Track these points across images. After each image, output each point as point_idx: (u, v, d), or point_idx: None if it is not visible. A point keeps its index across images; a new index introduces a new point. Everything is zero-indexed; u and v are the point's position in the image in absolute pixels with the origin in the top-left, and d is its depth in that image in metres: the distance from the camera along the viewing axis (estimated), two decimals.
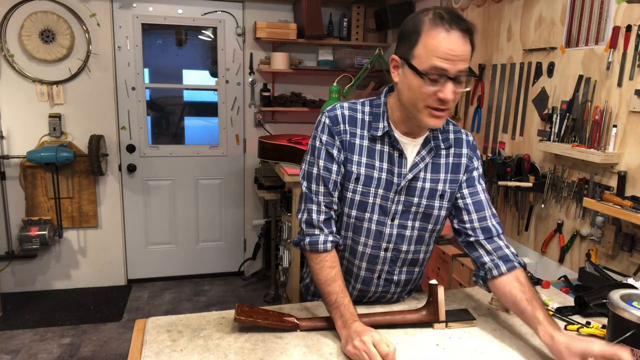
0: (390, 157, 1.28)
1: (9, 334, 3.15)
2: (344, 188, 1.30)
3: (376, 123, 1.27)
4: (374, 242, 1.33)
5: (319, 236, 1.27)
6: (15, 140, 3.52)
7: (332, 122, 1.28)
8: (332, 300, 1.21)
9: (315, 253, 1.27)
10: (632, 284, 1.38)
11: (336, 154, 1.27)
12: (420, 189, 1.29)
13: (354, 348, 1.09)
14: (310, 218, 1.28)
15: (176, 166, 3.95)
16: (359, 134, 1.28)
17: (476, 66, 2.74)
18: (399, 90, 1.22)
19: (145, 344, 1.16)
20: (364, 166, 1.27)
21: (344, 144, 1.27)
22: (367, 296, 1.42)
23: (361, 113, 1.29)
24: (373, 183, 1.28)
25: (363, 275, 1.37)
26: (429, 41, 1.10)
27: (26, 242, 3.45)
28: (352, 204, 1.30)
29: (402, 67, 1.18)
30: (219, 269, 4.19)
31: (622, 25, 1.82)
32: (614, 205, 1.70)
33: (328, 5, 3.87)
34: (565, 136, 2.06)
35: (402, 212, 1.30)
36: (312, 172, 1.29)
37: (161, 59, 4.00)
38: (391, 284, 1.39)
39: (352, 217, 1.31)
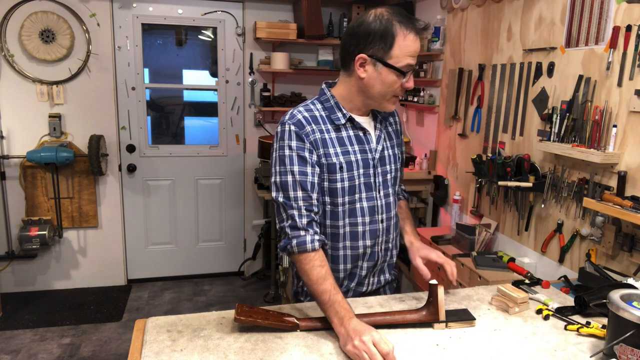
0: (358, 138, 1.42)
1: (9, 334, 3.15)
2: (331, 181, 1.38)
3: (334, 114, 1.40)
4: (371, 218, 1.45)
5: (305, 236, 1.29)
6: (15, 140, 3.52)
7: (298, 127, 1.34)
8: (325, 299, 1.22)
9: (304, 254, 1.28)
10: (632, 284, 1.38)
11: (308, 156, 1.34)
12: (387, 156, 1.48)
13: (354, 348, 1.10)
14: (294, 223, 1.30)
15: (176, 166, 3.95)
16: (325, 129, 1.38)
17: (476, 66, 2.74)
18: (365, 84, 1.35)
19: (145, 344, 1.16)
20: (341, 155, 1.38)
21: (317, 143, 1.36)
22: (374, 270, 1.51)
23: (317, 111, 1.40)
24: (354, 166, 1.40)
25: (369, 252, 1.47)
26: (404, 44, 1.29)
27: (26, 242, 3.45)
28: (343, 192, 1.39)
29: (373, 65, 1.32)
30: (219, 269, 4.19)
31: (622, 25, 1.82)
32: (614, 205, 1.70)
33: (328, 5, 3.87)
34: (565, 136, 2.06)
35: (383, 182, 1.46)
36: (287, 181, 1.32)
37: (161, 59, 4.00)
38: (388, 251, 1.53)
39: (346, 203, 1.41)
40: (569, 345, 1.23)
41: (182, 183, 3.99)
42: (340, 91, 1.41)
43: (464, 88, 2.89)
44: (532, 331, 1.29)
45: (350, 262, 1.45)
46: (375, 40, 1.29)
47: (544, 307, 1.41)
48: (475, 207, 2.78)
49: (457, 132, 2.97)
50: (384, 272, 1.56)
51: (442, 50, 3.12)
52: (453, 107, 2.98)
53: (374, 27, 1.29)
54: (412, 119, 3.64)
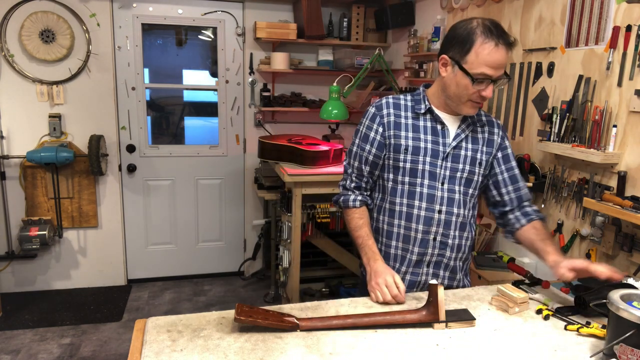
0: (434, 130, 1.52)
1: (9, 334, 3.15)
2: (395, 159, 1.53)
3: (417, 105, 1.54)
4: (428, 205, 1.52)
5: (350, 196, 1.61)
6: (15, 140, 3.52)
7: (377, 109, 1.55)
8: (359, 242, 1.55)
9: (347, 209, 1.62)
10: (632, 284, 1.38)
11: (372, 135, 1.55)
12: (463, 156, 1.52)
13: (371, 287, 1.43)
14: (345, 184, 1.64)
15: (176, 166, 3.95)
16: (404, 115, 1.53)
17: None
18: (444, 83, 1.46)
19: (145, 344, 1.16)
20: (411, 139, 1.51)
21: (389, 124, 1.53)
22: (425, 260, 1.56)
23: (404, 100, 1.56)
24: (421, 152, 1.50)
25: (420, 237, 1.54)
26: (481, 52, 1.36)
27: (26, 242, 3.45)
28: (404, 172, 1.52)
29: (451, 67, 1.43)
30: (219, 269, 4.19)
31: (622, 25, 1.82)
32: (614, 205, 1.70)
33: (328, 5, 3.87)
34: (565, 136, 2.06)
35: (450, 177, 1.52)
36: (352, 150, 1.61)
37: (161, 59, 4.00)
38: (446, 247, 1.55)
39: (406, 183, 1.53)
40: (569, 345, 1.23)
41: (182, 183, 3.99)
42: (431, 89, 1.55)
43: None
44: (532, 331, 1.29)
45: (402, 241, 1.55)
46: (456, 44, 1.40)
47: (544, 307, 1.40)
48: None
49: None
50: (440, 267, 1.57)
51: None
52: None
53: (459, 32, 1.40)
54: None
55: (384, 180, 1.57)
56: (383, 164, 1.57)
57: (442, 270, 1.59)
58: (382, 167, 1.57)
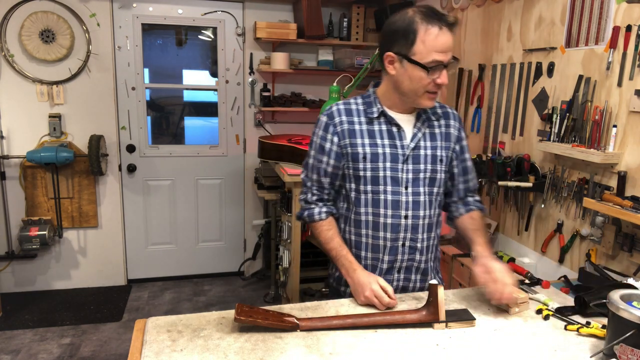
0: (390, 133, 1.47)
1: (9, 334, 3.15)
2: (355, 169, 1.47)
3: (369, 109, 1.48)
4: (393, 211, 1.47)
5: (314, 209, 1.54)
6: (15, 140, 3.52)
7: (329, 118, 1.49)
8: (333, 254, 1.50)
9: (314, 222, 1.55)
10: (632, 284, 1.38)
11: (328, 146, 1.48)
12: (424, 156, 1.48)
13: (362, 301, 1.40)
14: (306, 197, 1.56)
15: (176, 166, 3.95)
16: (357, 121, 1.47)
17: (476, 66, 2.74)
18: (396, 81, 1.41)
19: (145, 344, 1.16)
20: (368, 146, 1.45)
21: (344, 133, 1.46)
22: (396, 266, 1.52)
23: (355, 105, 1.51)
24: (380, 158, 1.45)
25: (389, 245, 1.49)
26: (427, 39, 1.32)
27: (26, 242, 3.45)
28: (365, 181, 1.47)
29: (399, 62, 1.38)
30: (219, 269, 4.19)
31: (622, 25, 1.82)
32: (614, 205, 1.70)
33: (328, 5, 3.87)
34: (565, 136, 2.06)
35: (413, 180, 1.47)
36: (309, 163, 1.55)
37: (161, 59, 4.00)
38: (416, 251, 1.52)
39: (369, 192, 1.47)
40: (569, 345, 1.23)
41: (182, 183, 3.99)
42: (381, 89, 1.51)
43: (464, 88, 2.89)
44: (532, 331, 1.29)
45: (371, 251, 1.50)
46: (399, 38, 1.35)
47: (544, 307, 1.41)
48: None
49: None
50: (411, 272, 1.54)
51: None
52: (453, 107, 2.98)
53: (398, 25, 1.36)
54: None
55: (347, 190, 1.51)
56: (343, 173, 1.50)
57: (413, 274, 1.54)
58: (343, 177, 1.51)
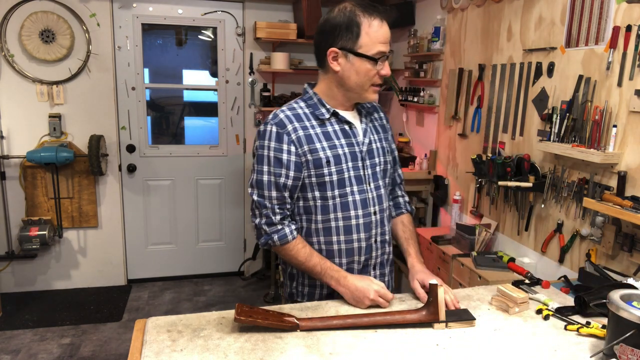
0: (344, 132, 1.44)
1: (9, 334, 3.15)
2: (319, 175, 1.40)
3: (317, 110, 1.42)
4: (363, 211, 1.45)
5: (284, 229, 1.40)
6: (15, 140, 3.52)
7: (279, 126, 1.38)
8: (318, 270, 1.40)
9: (287, 244, 1.41)
10: (632, 284, 1.38)
11: (285, 157, 1.37)
12: (376, 149, 1.49)
13: (372, 301, 1.35)
14: (270, 220, 1.40)
15: (176, 166, 3.95)
16: (309, 125, 1.40)
17: (476, 66, 2.74)
18: (342, 77, 1.38)
19: (145, 344, 1.16)
20: (328, 149, 1.40)
21: (300, 140, 1.38)
22: (371, 263, 1.51)
23: (300, 109, 1.43)
24: (342, 159, 1.41)
25: (364, 245, 1.47)
26: (371, 31, 1.33)
27: (26, 242, 3.45)
28: (332, 186, 1.41)
29: (344, 57, 1.36)
30: (219, 269, 4.19)
31: (622, 25, 1.82)
32: (614, 205, 1.70)
33: (328, 5, 3.87)
34: (565, 136, 2.06)
35: (372, 175, 1.47)
36: (262, 180, 1.39)
37: (161, 59, 4.00)
38: (385, 244, 1.53)
39: (336, 197, 1.42)
40: (569, 345, 1.23)
41: (182, 183, 3.99)
42: (321, 88, 1.45)
43: (464, 88, 2.89)
44: (532, 331, 1.29)
45: (345, 256, 1.45)
46: (342, 33, 1.34)
47: (544, 307, 1.41)
48: (475, 207, 2.78)
49: (457, 132, 2.97)
50: (385, 266, 1.55)
51: (442, 50, 3.12)
52: (453, 107, 2.98)
53: (338, 20, 1.34)
54: (412, 119, 3.64)
55: (308, 200, 1.42)
56: (303, 183, 1.41)
57: (386, 267, 1.56)
58: (301, 188, 1.42)
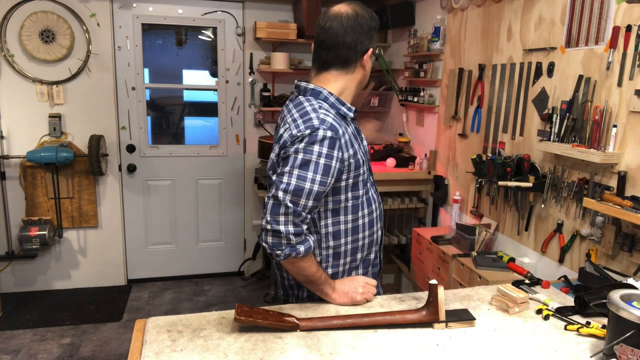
0: (358, 132, 1.49)
1: (9, 334, 3.15)
2: (356, 176, 1.41)
3: (340, 110, 1.40)
4: (378, 201, 1.55)
5: (309, 240, 1.31)
6: (15, 140, 3.52)
7: (334, 132, 1.30)
8: (323, 279, 1.39)
9: (308, 256, 1.32)
10: (632, 284, 1.38)
11: (334, 164, 1.29)
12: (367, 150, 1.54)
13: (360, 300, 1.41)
14: (300, 230, 1.27)
15: (176, 166, 3.95)
16: (344, 126, 1.39)
17: (476, 66, 2.74)
18: (365, 77, 1.46)
19: (145, 344, 1.16)
20: (359, 149, 1.43)
21: (347, 144, 1.36)
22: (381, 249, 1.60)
23: (333, 108, 1.39)
24: (364, 157, 1.47)
25: (380, 234, 1.57)
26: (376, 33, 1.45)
27: (26, 242, 3.45)
28: (363, 184, 1.45)
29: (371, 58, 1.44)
30: (219, 269, 4.19)
31: (622, 25, 1.82)
32: (614, 205, 1.70)
33: (328, 6, 3.86)
34: (565, 136, 2.06)
35: (370, 173, 1.54)
36: (304, 187, 1.25)
37: (161, 59, 4.00)
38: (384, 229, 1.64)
39: (364, 194, 1.47)
40: (569, 345, 1.23)
41: (182, 183, 3.99)
42: (337, 88, 1.41)
43: (464, 88, 2.89)
44: (532, 331, 1.29)
45: (366, 249, 1.52)
46: (374, 34, 1.44)
47: (544, 307, 1.41)
48: (475, 207, 2.78)
49: (457, 132, 2.97)
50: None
51: (442, 50, 3.12)
52: (453, 107, 2.98)
53: (371, 23, 1.42)
54: (412, 119, 3.64)
55: (340, 202, 1.40)
56: (336, 187, 1.37)
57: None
58: (334, 191, 1.37)
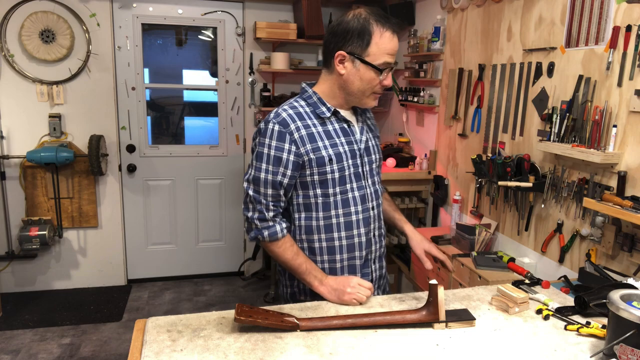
0: (344, 130, 1.49)
1: (9, 334, 3.15)
2: (321, 173, 1.43)
3: (318, 109, 1.46)
4: (363, 206, 1.50)
5: (274, 226, 1.43)
6: (15, 140, 3.52)
7: (282, 125, 1.40)
8: (303, 269, 1.44)
9: (275, 241, 1.44)
10: (632, 284, 1.38)
11: (285, 156, 1.40)
12: (371, 147, 1.55)
13: (349, 294, 1.39)
14: (262, 216, 1.43)
15: (176, 166, 3.95)
16: (310, 124, 1.44)
17: (476, 66, 2.74)
18: (345, 80, 1.42)
19: (145, 344, 1.16)
20: (330, 147, 1.44)
21: (303, 139, 1.41)
22: (370, 258, 1.56)
23: (301, 107, 1.47)
24: (343, 157, 1.45)
25: (364, 240, 1.52)
26: (381, 42, 1.36)
27: (26, 242, 3.45)
28: (334, 183, 1.45)
29: (351, 62, 1.39)
30: (219, 269, 4.19)
31: (622, 25, 1.82)
32: (614, 205, 1.70)
33: (328, 5, 3.87)
34: (565, 136, 2.06)
35: (369, 171, 1.53)
36: (260, 177, 1.41)
37: (161, 59, 4.00)
38: (382, 237, 1.60)
39: (337, 194, 1.46)
40: (569, 345, 1.23)
41: (182, 183, 3.99)
42: (322, 88, 1.49)
43: (464, 88, 2.89)
44: (532, 331, 1.29)
45: (346, 252, 1.50)
46: (353, 38, 1.37)
47: (544, 307, 1.41)
48: (475, 207, 2.78)
49: (457, 132, 2.97)
50: (382, 259, 1.63)
51: (442, 50, 3.12)
52: (453, 107, 2.98)
53: (352, 25, 1.37)
54: (412, 119, 3.64)
55: (309, 197, 1.46)
56: (303, 181, 1.45)
57: (383, 260, 1.63)
58: (303, 185, 1.45)
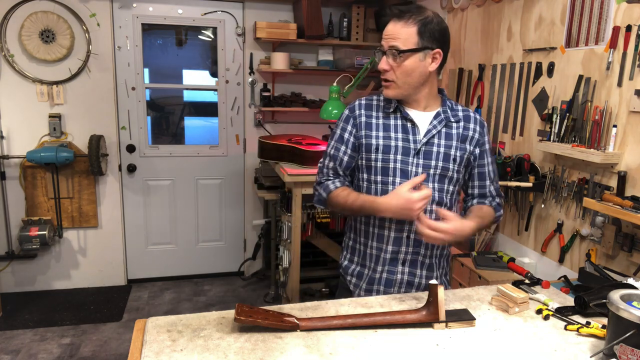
0: (404, 127, 1.53)
1: (9, 334, 3.15)
2: (367, 159, 1.54)
3: (388, 104, 1.56)
4: None
5: (328, 184, 1.59)
6: (15, 140, 3.52)
7: (350, 111, 1.59)
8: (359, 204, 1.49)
9: (330, 193, 1.57)
10: (632, 284, 1.38)
11: (347, 136, 1.57)
12: (436, 152, 1.52)
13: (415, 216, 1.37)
14: (320, 180, 1.63)
15: (176, 166, 3.95)
16: (375, 115, 1.56)
17: (476, 66, 2.74)
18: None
19: (145, 344, 1.16)
20: (382, 138, 1.52)
21: (361, 125, 1.55)
22: (400, 258, 1.54)
23: (376, 101, 1.60)
24: (391, 150, 1.51)
25: (393, 235, 1.53)
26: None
27: (26, 242, 3.45)
28: (376, 171, 1.53)
29: None
30: (219, 269, 4.19)
31: (622, 25, 1.82)
32: (614, 205, 1.70)
33: (328, 5, 3.87)
34: (565, 136, 2.06)
35: (420, 174, 1.49)
36: (327, 151, 1.63)
37: (161, 59, 4.00)
38: (420, 244, 1.54)
39: (378, 182, 1.53)
40: (569, 345, 1.23)
41: (182, 183, 3.99)
42: None
43: (464, 88, 2.89)
44: (532, 331, 1.29)
45: (376, 240, 1.55)
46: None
47: (544, 307, 1.40)
48: None
49: None
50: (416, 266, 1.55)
51: None
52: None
53: None
54: None
55: (359, 180, 1.58)
56: (357, 165, 1.58)
57: (418, 269, 1.56)
58: (356, 168, 1.59)
